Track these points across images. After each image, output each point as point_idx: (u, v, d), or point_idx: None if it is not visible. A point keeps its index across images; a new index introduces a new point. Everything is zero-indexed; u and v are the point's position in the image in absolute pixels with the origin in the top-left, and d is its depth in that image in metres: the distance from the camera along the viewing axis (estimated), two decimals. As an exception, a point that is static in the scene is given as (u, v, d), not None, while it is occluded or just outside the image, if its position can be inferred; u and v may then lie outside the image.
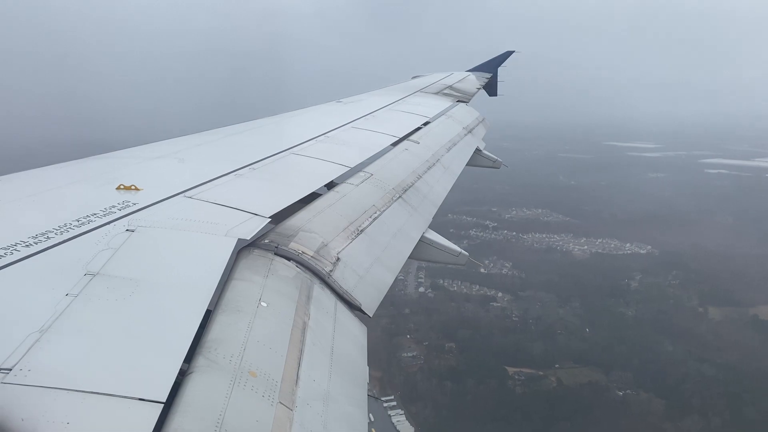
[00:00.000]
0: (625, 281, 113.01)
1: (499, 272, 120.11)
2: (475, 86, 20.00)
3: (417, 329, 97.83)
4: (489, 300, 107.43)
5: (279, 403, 3.28)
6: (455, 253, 7.88)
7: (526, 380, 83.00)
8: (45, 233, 4.35)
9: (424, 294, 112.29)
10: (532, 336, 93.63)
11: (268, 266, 4.81)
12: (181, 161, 7.19)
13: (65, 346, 3.14)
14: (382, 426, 76.59)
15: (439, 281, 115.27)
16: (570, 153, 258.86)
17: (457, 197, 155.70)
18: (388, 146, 9.94)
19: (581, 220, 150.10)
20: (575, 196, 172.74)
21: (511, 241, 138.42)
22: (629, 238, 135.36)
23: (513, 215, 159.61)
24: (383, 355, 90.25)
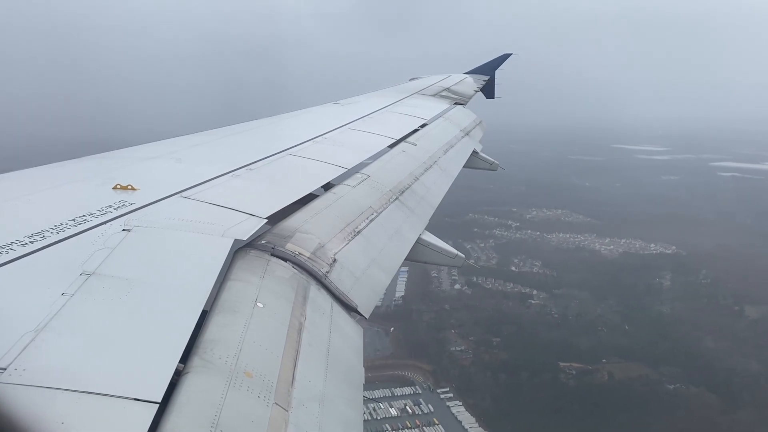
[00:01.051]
0: (657, 280, 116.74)
1: (530, 271, 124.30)
2: (473, 89, 20.03)
3: (460, 325, 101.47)
4: (526, 297, 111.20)
5: (275, 404, 3.28)
6: (452, 255, 7.89)
7: (578, 374, 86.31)
8: (41, 232, 4.34)
9: (461, 291, 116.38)
10: (575, 332, 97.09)
11: (264, 267, 4.81)
12: (178, 161, 7.18)
13: (61, 346, 3.13)
14: (443, 416, 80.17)
15: (473, 279, 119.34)
16: (579, 155, 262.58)
17: (475, 197, 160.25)
18: (385, 148, 9.95)
19: (602, 221, 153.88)
20: (592, 198, 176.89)
21: (537, 241, 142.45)
22: (652, 239, 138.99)
23: (534, 216, 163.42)
24: (432, 349, 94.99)
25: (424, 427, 78.09)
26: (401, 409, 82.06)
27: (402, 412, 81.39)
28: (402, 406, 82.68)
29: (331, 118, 11.33)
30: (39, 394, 2.71)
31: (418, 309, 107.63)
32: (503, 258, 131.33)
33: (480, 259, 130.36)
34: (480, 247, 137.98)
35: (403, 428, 77.97)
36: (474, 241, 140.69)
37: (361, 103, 14.02)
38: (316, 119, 11.83)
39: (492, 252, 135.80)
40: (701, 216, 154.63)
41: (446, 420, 79.24)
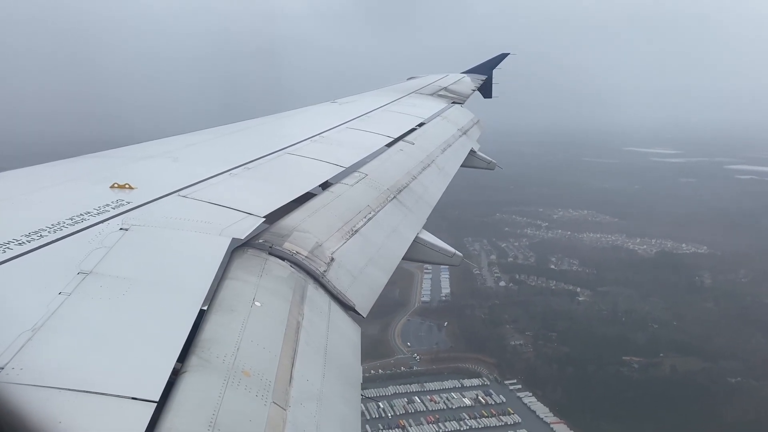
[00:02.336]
0: (697, 278, 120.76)
1: (570, 269, 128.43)
2: (470, 88, 20.03)
3: (514, 320, 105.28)
4: (573, 294, 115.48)
5: (272, 403, 3.28)
6: (449, 254, 7.89)
7: (640, 367, 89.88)
8: (38, 231, 4.33)
9: (507, 287, 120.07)
10: (628, 328, 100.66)
11: (262, 266, 4.81)
12: (175, 160, 7.17)
13: (58, 345, 3.12)
14: (516, 406, 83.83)
15: (515, 276, 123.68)
16: (593, 158, 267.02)
17: (499, 197, 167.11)
18: (383, 147, 9.95)
19: (629, 221, 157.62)
20: (615, 199, 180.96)
21: (570, 240, 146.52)
22: (682, 239, 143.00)
23: (561, 216, 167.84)
24: (491, 343, 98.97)
25: (500, 416, 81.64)
26: (474, 399, 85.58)
27: (475, 402, 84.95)
28: (474, 396, 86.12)
29: (329, 117, 11.31)
30: (36, 394, 2.70)
31: (470, 305, 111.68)
32: (540, 256, 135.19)
33: (518, 258, 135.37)
34: (515, 246, 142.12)
35: (480, 417, 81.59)
36: (507, 240, 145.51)
37: (359, 102, 14.02)
38: (313, 118, 11.82)
39: (528, 250, 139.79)
40: (728, 217, 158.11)
41: (519, 410, 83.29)
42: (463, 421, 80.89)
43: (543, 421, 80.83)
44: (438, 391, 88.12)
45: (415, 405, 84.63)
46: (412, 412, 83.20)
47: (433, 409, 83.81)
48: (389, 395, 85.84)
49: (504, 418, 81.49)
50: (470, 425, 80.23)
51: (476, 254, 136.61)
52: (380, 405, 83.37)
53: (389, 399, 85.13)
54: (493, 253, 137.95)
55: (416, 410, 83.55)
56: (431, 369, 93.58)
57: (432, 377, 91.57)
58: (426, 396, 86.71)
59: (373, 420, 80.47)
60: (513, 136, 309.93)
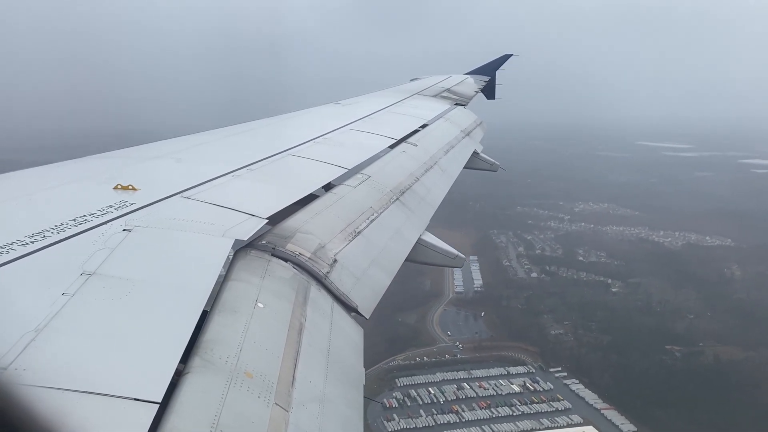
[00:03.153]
0: (726, 270, 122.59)
1: (598, 261, 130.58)
2: (473, 89, 20.03)
3: (551, 310, 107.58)
4: (605, 285, 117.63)
5: (275, 404, 3.28)
6: (452, 255, 7.88)
7: (683, 356, 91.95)
8: (41, 232, 4.34)
9: (539, 279, 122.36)
10: (665, 318, 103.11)
11: (264, 267, 4.81)
12: (178, 161, 7.18)
13: (61, 346, 3.13)
14: (564, 393, 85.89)
15: (546, 267, 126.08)
16: (606, 152, 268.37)
17: (517, 191, 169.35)
18: (385, 148, 9.95)
19: (650, 215, 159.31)
20: (634, 192, 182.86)
21: (595, 233, 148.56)
22: (706, 232, 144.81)
23: (582, 209, 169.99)
24: (532, 332, 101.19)
25: (550, 402, 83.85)
26: (522, 385, 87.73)
27: (523, 389, 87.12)
28: (522, 383, 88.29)
29: (332, 119, 11.32)
30: (39, 394, 2.71)
31: (506, 295, 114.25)
32: (567, 249, 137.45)
33: (545, 250, 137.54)
34: (540, 238, 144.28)
35: (530, 402, 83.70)
36: (532, 232, 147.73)
37: (362, 104, 14.02)
38: (316, 119, 11.83)
39: (554, 243, 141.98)
40: (748, 211, 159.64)
41: (568, 396, 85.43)
42: (514, 406, 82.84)
43: (593, 407, 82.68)
44: (485, 378, 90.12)
45: (465, 391, 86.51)
46: (463, 398, 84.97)
47: (483, 395, 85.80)
48: (438, 381, 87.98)
49: (554, 404, 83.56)
50: (522, 411, 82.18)
51: (503, 246, 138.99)
52: (431, 391, 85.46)
53: (439, 385, 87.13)
54: (520, 246, 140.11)
55: (467, 396, 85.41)
56: (475, 357, 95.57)
57: (476, 365, 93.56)
58: (474, 383, 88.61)
59: (426, 405, 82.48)
60: (523, 131, 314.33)
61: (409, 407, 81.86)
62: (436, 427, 77.87)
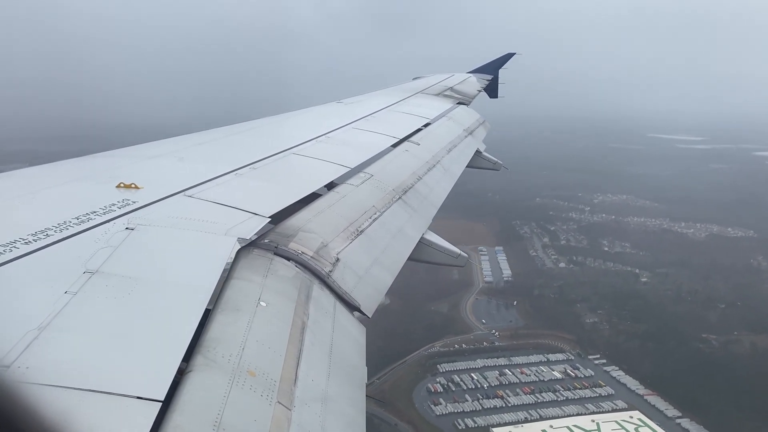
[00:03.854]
0: (752, 261, 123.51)
1: (623, 251, 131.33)
2: (476, 88, 20.00)
3: (584, 299, 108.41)
4: (634, 275, 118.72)
5: (277, 403, 3.28)
6: (454, 254, 7.87)
7: (719, 345, 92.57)
8: (44, 231, 4.34)
9: (568, 269, 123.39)
10: (697, 307, 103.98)
11: (267, 266, 4.81)
12: (181, 160, 7.19)
13: (64, 344, 3.13)
14: (605, 379, 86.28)
15: (573, 257, 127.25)
16: (619, 144, 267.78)
17: (535, 182, 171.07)
18: (388, 147, 9.94)
19: (669, 206, 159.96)
20: (651, 184, 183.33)
21: (618, 224, 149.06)
22: (727, 223, 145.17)
23: (601, 200, 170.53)
24: (566, 320, 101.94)
25: (593, 388, 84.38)
26: (562, 372, 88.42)
27: (565, 375, 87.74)
28: (563, 370, 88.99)
29: (335, 118, 11.32)
30: (42, 392, 2.71)
31: (538, 285, 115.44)
32: (591, 239, 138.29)
33: (569, 240, 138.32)
34: (563, 229, 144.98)
35: (573, 388, 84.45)
36: (555, 223, 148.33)
37: (364, 102, 14.02)
38: (319, 118, 11.83)
39: (577, 234, 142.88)
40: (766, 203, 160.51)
41: (609, 383, 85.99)
42: (558, 392, 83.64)
43: (635, 393, 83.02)
44: (526, 364, 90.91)
45: (508, 377, 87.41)
46: (506, 384, 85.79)
47: (526, 381, 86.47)
48: (479, 368, 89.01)
49: (597, 390, 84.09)
50: (566, 396, 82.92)
51: (528, 237, 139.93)
52: (474, 376, 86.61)
53: (481, 371, 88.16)
54: (545, 236, 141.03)
55: (510, 382, 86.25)
56: (512, 345, 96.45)
57: (514, 352, 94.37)
58: (516, 369, 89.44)
59: (470, 390, 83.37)
60: (534, 123, 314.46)
61: (454, 392, 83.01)
62: (483, 411, 78.98)
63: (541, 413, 78.48)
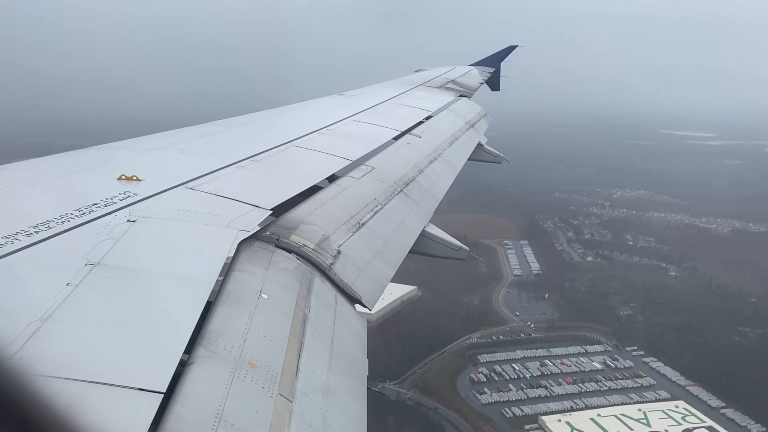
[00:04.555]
0: None
1: (648, 246, 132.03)
2: (478, 81, 19.95)
3: (615, 292, 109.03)
4: (661, 269, 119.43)
5: (279, 395, 3.28)
6: (456, 247, 7.87)
7: (757, 337, 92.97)
8: (46, 222, 4.34)
9: (595, 262, 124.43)
10: (728, 300, 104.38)
11: (268, 258, 4.81)
12: (182, 152, 7.18)
13: (65, 336, 3.14)
14: (645, 370, 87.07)
15: (599, 251, 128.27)
16: (631, 140, 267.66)
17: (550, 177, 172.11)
18: (389, 140, 9.93)
19: (688, 201, 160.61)
20: (668, 180, 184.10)
21: (640, 218, 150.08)
22: (748, 218, 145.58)
23: (620, 196, 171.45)
24: (600, 313, 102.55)
25: (634, 378, 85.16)
26: (602, 363, 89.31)
27: (604, 366, 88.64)
28: (602, 361, 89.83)
29: (336, 110, 11.29)
30: (44, 384, 2.71)
31: (568, 278, 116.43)
32: (615, 234, 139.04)
33: (593, 235, 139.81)
34: (586, 224, 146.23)
35: (615, 379, 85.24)
36: (577, 218, 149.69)
37: (366, 95, 13.98)
38: (320, 111, 11.80)
39: (601, 228, 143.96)
40: None
41: (650, 374, 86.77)
42: (600, 382, 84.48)
43: (676, 384, 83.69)
44: (565, 355, 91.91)
45: (549, 368, 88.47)
46: (548, 374, 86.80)
47: (567, 372, 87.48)
48: (519, 358, 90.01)
49: (639, 381, 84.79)
50: (608, 386, 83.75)
51: (552, 231, 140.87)
52: (515, 367, 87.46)
53: (521, 362, 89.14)
54: (569, 231, 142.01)
55: (551, 372, 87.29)
56: (549, 336, 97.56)
57: (551, 343, 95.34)
58: (556, 360, 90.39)
59: (513, 380, 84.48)
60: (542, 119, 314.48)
61: (497, 382, 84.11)
62: (528, 401, 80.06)
63: (586, 402, 79.40)
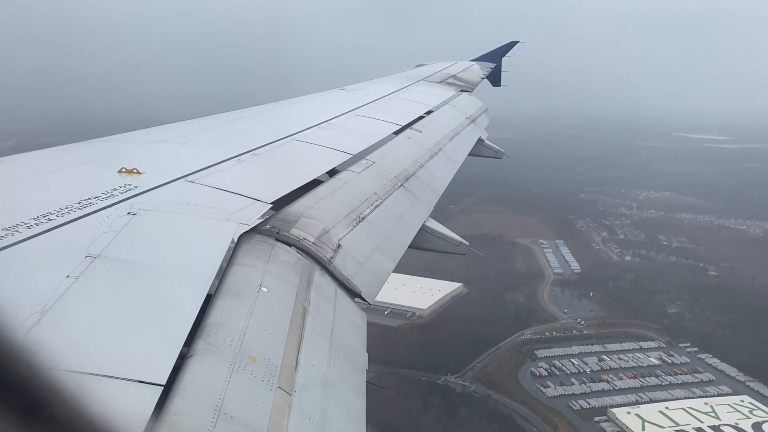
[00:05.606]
0: None
1: (682, 246, 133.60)
2: (479, 76, 19.91)
3: (660, 291, 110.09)
4: (700, 269, 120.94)
5: (278, 388, 3.29)
6: (456, 242, 7.87)
7: None
8: (46, 215, 4.34)
9: (634, 261, 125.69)
10: None
11: (269, 252, 4.81)
12: (183, 146, 7.17)
13: (65, 328, 3.14)
14: (701, 366, 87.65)
15: (637, 251, 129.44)
16: (647, 142, 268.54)
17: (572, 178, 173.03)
18: (390, 134, 9.92)
19: (714, 203, 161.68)
20: (690, 182, 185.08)
21: (671, 219, 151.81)
22: None
23: (645, 197, 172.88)
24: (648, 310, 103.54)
25: (694, 374, 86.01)
26: (658, 359, 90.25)
27: (661, 362, 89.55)
28: (658, 357, 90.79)
29: (337, 104, 11.27)
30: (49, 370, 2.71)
31: (611, 276, 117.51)
32: (648, 234, 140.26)
33: (627, 235, 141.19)
34: (617, 224, 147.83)
35: (674, 374, 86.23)
36: (607, 218, 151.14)
37: (367, 89, 13.95)
38: (321, 105, 11.78)
39: (633, 228, 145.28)
40: None
41: (708, 369, 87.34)
42: (660, 377, 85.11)
43: (735, 380, 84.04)
44: (620, 351, 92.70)
45: (607, 363, 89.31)
46: (607, 369, 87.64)
47: (625, 367, 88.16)
48: (576, 354, 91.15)
49: (698, 376, 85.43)
50: (669, 381, 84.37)
51: (585, 231, 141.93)
52: (574, 362, 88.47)
53: (579, 357, 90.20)
54: (602, 231, 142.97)
55: (610, 367, 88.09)
56: (600, 333, 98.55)
57: (604, 340, 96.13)
58: (613, 355, 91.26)
59: (574, 374, 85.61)
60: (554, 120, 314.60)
61: (558, 376, 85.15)
62: (592, 394, 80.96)
63: (650, 396, 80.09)
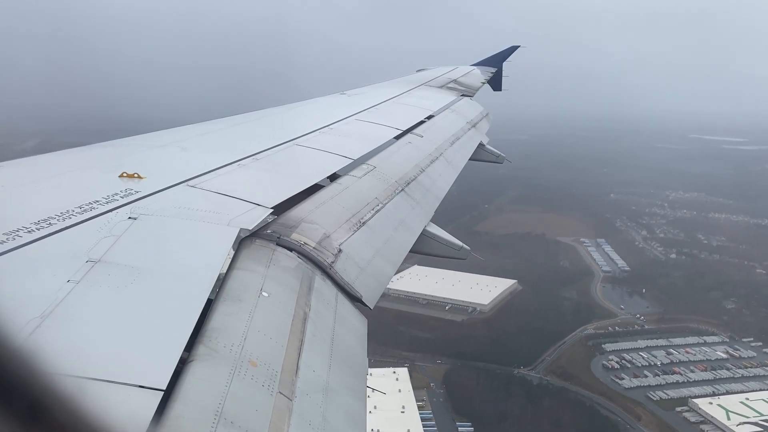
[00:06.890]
0: None
1: (723, 245, 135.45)
2: (480, 81, 19.93)
3: (713, 287, 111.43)
4: (746, 266, 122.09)
5: (279, 393, 3.28)
6: (456, 247, 7.87)
7: None
8: (47, 219, 4.34)
9: (679, 259, 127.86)
10: None
11: (269, 256, 4.81)
12: (184, 150, 7.18)
13: (66, 333, 3.14)
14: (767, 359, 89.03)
15: (679, 249, 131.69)
16: (664, 144, 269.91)
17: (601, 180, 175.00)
18: (391, 139, 9.93)
19: (745, 203, 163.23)
20: (716, 182, 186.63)
21: (705, 219, 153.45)
22: None
23: (674, 197, 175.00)
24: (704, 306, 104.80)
25: (764, 367, 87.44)
26: (725, 352, 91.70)
27: (728, 355, 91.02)
28: (724, 351, 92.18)
29: (338, 109, 11.29)
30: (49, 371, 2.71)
31: (662, 274, 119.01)
32: (687, 233, 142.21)
33: (666, 234, 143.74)
34: (654, 224, 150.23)
35: (744, 367, 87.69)
36: (643, 218, 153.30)
37: (368, 94, 13.97)
38: (322, 109, 11.80)
39: (671, 227, 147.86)
40: None
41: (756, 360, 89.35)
42: (731, 370, 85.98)
43: None
44: (686, 345, 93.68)
45: (675, 356, 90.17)
46: (677, 362, 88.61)
47: (694, 360, 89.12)
48: (644, 348, 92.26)
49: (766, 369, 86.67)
50: (741, 374, 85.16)
51: (624, 230, 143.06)
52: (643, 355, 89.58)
53: (647, 351, 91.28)
54: (642, 230, 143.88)
55: (680, 360, 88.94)
56: (661, 327, 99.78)
57: (666, 334, 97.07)
58: (680, 349, 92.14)
59: (646, 367, 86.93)
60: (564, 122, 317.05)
61: (630, 369, 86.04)
62: (668, 386, 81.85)
63: (726, 388, 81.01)
